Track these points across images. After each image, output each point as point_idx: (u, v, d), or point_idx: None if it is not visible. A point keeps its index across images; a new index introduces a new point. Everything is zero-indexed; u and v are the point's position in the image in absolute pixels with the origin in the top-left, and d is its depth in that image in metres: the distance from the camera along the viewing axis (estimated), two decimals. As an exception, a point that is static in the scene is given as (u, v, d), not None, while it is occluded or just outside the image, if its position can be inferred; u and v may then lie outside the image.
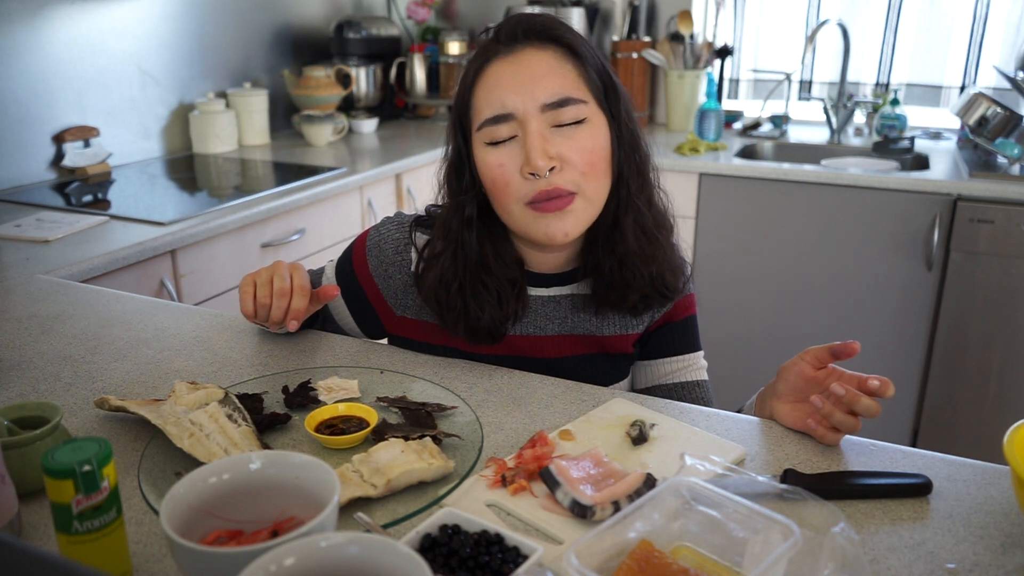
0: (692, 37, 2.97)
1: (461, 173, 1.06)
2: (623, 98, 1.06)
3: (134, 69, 2.44)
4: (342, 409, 0.97)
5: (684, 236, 1.39)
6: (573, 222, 1.02)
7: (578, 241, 1.11)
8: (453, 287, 1.07)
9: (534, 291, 1.13)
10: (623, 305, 1.11)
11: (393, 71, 3.17)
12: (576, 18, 2.99)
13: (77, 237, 1.76)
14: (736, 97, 3.20)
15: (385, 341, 1.23)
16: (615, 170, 1.05)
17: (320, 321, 1.27)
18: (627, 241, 1.07)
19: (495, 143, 1.01)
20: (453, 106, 1.07)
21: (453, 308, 1.08)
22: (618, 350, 1.17)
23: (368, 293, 1.17)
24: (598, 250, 1.09)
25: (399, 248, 1.16)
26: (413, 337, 1.18)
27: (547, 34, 1.02)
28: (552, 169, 0.99)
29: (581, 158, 1.00)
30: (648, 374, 1.21)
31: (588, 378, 1.11)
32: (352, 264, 1.18)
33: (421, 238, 1.15)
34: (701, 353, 1.22)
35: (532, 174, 0.99)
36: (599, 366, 1.17)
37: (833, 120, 2.84)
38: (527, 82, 0.99)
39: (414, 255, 1.14)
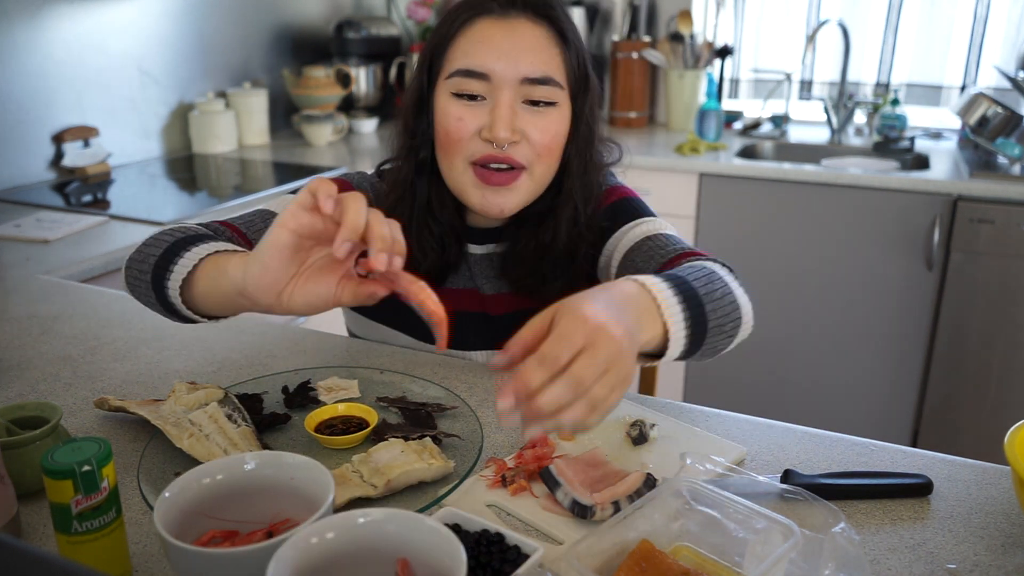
0: (692, 37, 2.97)
1: (420, 116, 1.06)
2: (593, 93, 1.06)
3: (134, 69, 2.44)
4: (342, 409, 0.97)
5: (684, 236, 1.37)
6: (514, 200, 1.03)
7: None
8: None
9: (471, 247, 1.13)
10: (524, 283, 1.09)
11: (393, 71, 3.17)
12: (576, 18, 2.99)
13: (77, 237, 1.76)
14: (736, 97, 3.20)
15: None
16: (563, 160, 1.05)
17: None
18: (559, 233, 1.06)
19: (461, 95, 1.00)
20: (427, 46, 1.05)
21: None
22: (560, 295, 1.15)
23: None
24: (523, 227, 1.08)
25: (374, 184, 1.16)
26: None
27: (543, 11, 1.02)
28: (511, 143, 1.00)
29: (541, 139, 1.00)
30: (609, 260, 1.08)
31: None
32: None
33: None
34: (649, 218, 1.09)
35: (490, 141, 0.99)
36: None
37: (833, 120, 2.84)
38: (514, 51, 0.99)
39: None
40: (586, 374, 0.65)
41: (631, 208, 1.11)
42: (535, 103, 1.00)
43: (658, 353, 0.81)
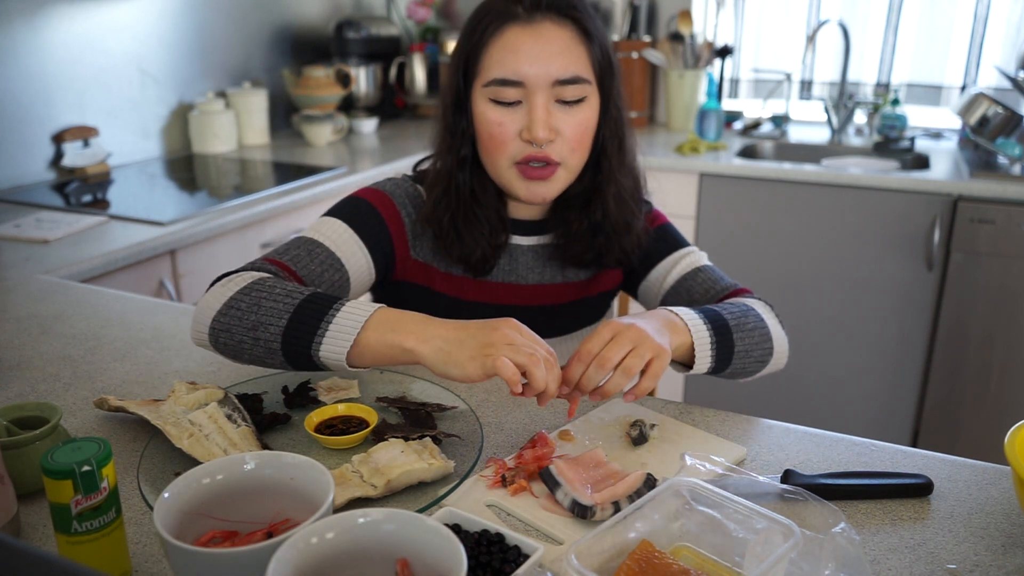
0: (692, 37, 2.97)
1: (458, 115, 1.12)
2: (617, 77, 1.13)
3: (134, 69, 2.44)
4: (342, 409, 0.97)
5: (685, 237, 1.39)
6: (554, 188, 1.11)
7: None
8: (446, 217, 1.13)
9: (515, 239, 1.19)
10: (583, 260, 1.19)
11: (393, 71, 3.17)
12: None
13: (76, 237, 1.76)
14: (736, 97, 3.20)
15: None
16: (598, 144, 1.13)
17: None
18: (608, 209, 1.15)
19: (499, 102, 1.07)
20: (459, 51, 1.11)
21: (448, 236, 1.14)
22: (603, 288, 1.25)
23: (392, 231, 1.15)
24: (570, 211, 1.17)
25: (409, 191, 1.19)
26: (417, 281, 1.19)
27: (567, 11, 1.07)
28: (548, 141, 1.07)
29: (574, 134, 1.08)
30: (652, 289, 1.23)
31: (575, 323, 1.23)
32: (373, 204, 1.15)
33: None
34: (692, 247, 1.23)
35: (530, 141, 1.06)
36: (581, 309, 1.25)
37: (834, 120, 2.84)
38: (544, 56, 1.05)
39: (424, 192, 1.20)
40: (610, 355, 0.87)
41: (675, 234, 1.25)
42: (567, 102, 1.07)
43: (689, 363, 1.00)
